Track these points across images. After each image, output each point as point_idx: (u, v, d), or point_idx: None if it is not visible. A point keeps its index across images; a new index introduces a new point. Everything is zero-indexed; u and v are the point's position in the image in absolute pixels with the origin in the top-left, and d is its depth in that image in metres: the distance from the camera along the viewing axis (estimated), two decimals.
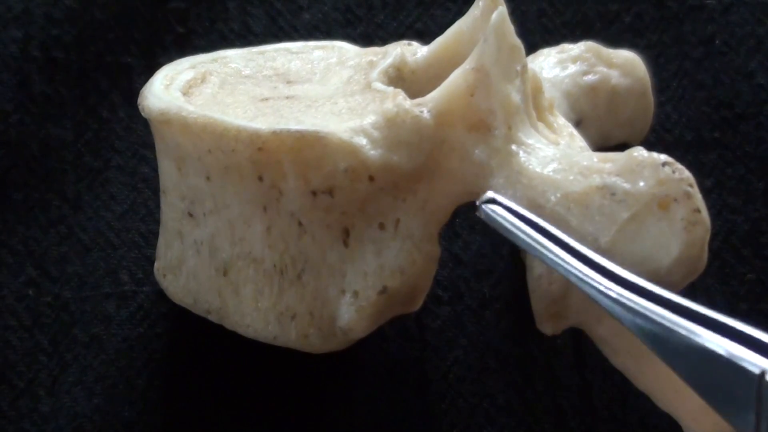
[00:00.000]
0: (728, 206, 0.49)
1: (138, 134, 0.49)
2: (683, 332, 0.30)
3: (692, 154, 0.50)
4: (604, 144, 0.47)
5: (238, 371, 0.44)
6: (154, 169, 0.42)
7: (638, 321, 0.31)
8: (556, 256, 0.33)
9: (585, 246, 0.33)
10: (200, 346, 0.44)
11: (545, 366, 0.45)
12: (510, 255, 0.47)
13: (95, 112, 0.49)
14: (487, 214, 0.35)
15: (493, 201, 0.35)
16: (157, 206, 0.43)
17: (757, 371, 0.29)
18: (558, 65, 0.45)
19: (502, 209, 0.35)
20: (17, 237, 0.47)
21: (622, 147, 0.47)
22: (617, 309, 0.31)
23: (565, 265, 0.33)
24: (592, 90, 0.45)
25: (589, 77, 0.45)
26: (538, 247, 0.34)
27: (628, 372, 0.40)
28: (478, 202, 0.36)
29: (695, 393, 0.31)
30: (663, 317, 0.31)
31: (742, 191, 0.49)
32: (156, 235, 0.44)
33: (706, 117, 0.51)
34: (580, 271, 0.32)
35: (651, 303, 0.31)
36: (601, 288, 0.32)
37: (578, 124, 0.45)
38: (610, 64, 0.46)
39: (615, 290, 0.32)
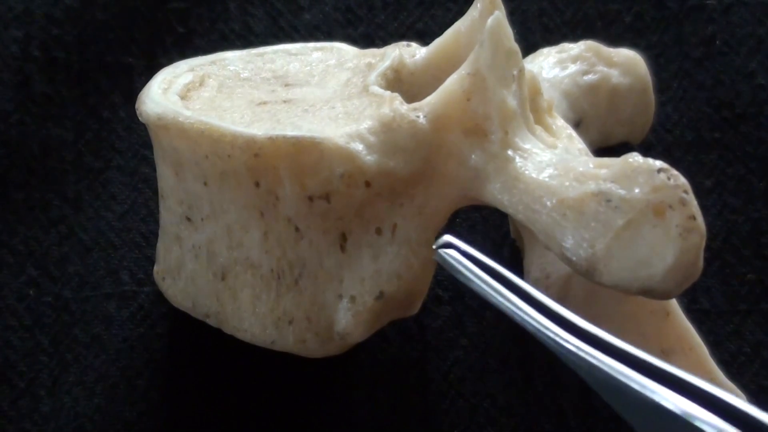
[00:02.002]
0: (728, 206, 0.49)
1: (138, 134, 0.49)
2: (637, 387, 0.30)
3: (692, 155, 0.50)
4: (604, 143, 0.47)
5: (239, 371, 0.44)
6: (155, 170, 0.42)
7: (594, 373, 0.31)
8: (513, 304, 0.33)
9: (542, 292, 0.33)
10: (201, 346, 0.44)
11: (546, 366, 0.45)
12: (510, 256, 0.47)
13: (96, 112, 0.49)
14: (443, 259, 0.35)
15: (449, 245, 0.35)
16: (158, 206, 0.43)
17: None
18: (558, 65, 0.45)
19: (458, 254, 0.35)
20: (18, 237, 0.47)
21: (622, 146, 0.47)
22: (574, 360, 0.31)
23: (522, 314, 0.32)
24: (593, 89, 0.45)
25: (589, 77, 0.45)
26: (494, 294, 0.33)
27: None
28: (434, 246, 0.35)
29: None
30: (619, 372, 0.30)
31: (743, 191, 0.49)
32: (156, 235, 0.44)
33: (707, 117, 0.50)
34: (536, 321, 0.32)
35: (607, 356, 0.31)
36: (558, 339, 0.31)
37: (578, 124, 0.45)
38: (610, 63, 0.46)
39: (572, 341, 0.31)
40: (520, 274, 0.40)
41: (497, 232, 0.48)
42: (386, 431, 0.44)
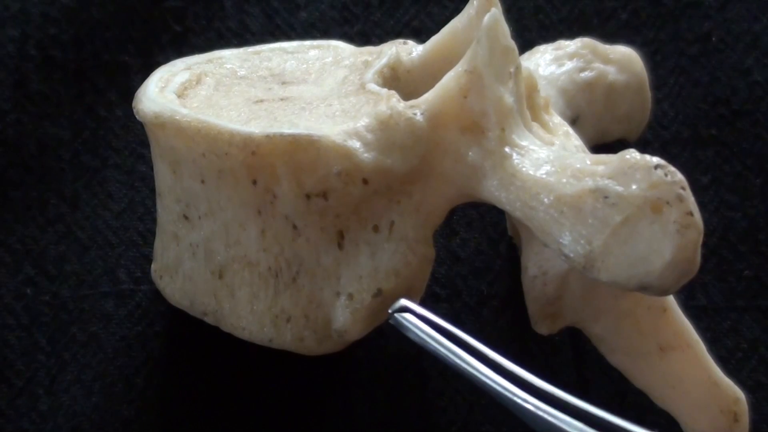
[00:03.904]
0: (725, 203, 0.49)
1: (135, 133, 0.49)
2: None
3: (689, 151, 0.50)
4: (601, 140, 0.47)
5: (236, 369, 0.44)
6: (152, 168, 0.42)
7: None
8: (470, 366, 0.34)
9: (497, 354, 0.34)
10: (198, 344, 0.44)
11: (543, 363, 0.45)
12: (507, 253, 0.47)
13: (92, 111, 0.49)
14: (398, 322, 0.36)
15: (405, 309, 0.36)
16: (155, 205, 0.43)
17: None
18: (554, 62, 0.45)
19: (413, 318, 0.36)
20: (15, 236, 0.47)
21: (619, 143, 0.47)
22: (532, 420, 0.32)
23: (480, 376, 0.33)
24: (589, 86, 0.45)
25: (586, 74, 0.45)
26: (450, 356, 0.34)
27: (625, 370, 0.40)
28: (390, 310, 0.36)
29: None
30: (578, 429, 0.31)
31: (739, 188, 0.49)
32: (154, 233, 0.44)
33: (703, 114, 0.50)
34: (495, 382, 0.33)
35: (566, 415, 0.31)
36: (517, 400, 0.32)
37: (575, 121, 0.45)
38: (606, 60, 0.46)
39: (531, 401, 0.32)
40: (518, 271, 0.40)
41: (494, 229, 0.48)
42: (384, 428, 0.44)
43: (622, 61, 0.46)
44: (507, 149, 0.36)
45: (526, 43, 0.49)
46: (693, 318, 0.40)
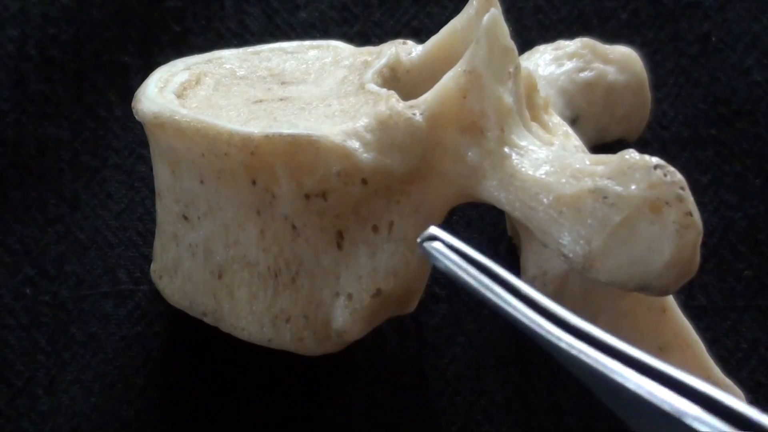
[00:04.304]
0: (725, 203, 0.49)
1: (135, 133, 0.49)
2: (632, 386, 0.29)
3: (689, 151, 0.50)
4: (600, 140, 0.47)
5: (236, 369, 0.44)
6: (152, 168, 0.42)
7: (588, 370, 0.30)
8: (502, 299, 0.31)
9: (535, 288, 0.32)
10: (198, 344, 0.44)
11: (543, 363, 0.45)
12: (507, 253, 0.47)
13: (92, 111, 0.49)
14: (426, 252, 0.34)
15: (434, 238, 0.34)
16: (155, 205, 0.43)
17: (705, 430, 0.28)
18: (554, 62, 0.45)
19: (443, 247, 0.33)
20: (15, 236, 0.47)
21: (619, 143, 0.47)
22: (566, 357, 0.30)
23: (512, 310, 0.31)
24: (589, 86, 0.45)
25: (586, 74, 0.45)
26: (481, 288, 0.32)
27: None
28: (419, 239, 0.34)
29: None
30: (613, 370, 0.29)
31: (739, 188, 0.49)
32: (153, 233, 0.44)
33: (703, 114, 0.50)
34: (527, 316, 0.31)
35: (601, 353, 0.30)
36: (550, 336, 0.30)
37: (574, 121, 0.45)
38: (606, 60, 0.46)
39: (564, 339, 0.30)
40: (517, 271, 0.40)
41: (494, 230, 0.48)
42: (384, 429, 0.44)
43: (621, 61, 0.46)
44: (506, 149, 0.36)
45: (525, 43, 0.49)
46: (693, 318, 0.40)
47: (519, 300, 0.31)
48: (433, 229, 0.34)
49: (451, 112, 0.36)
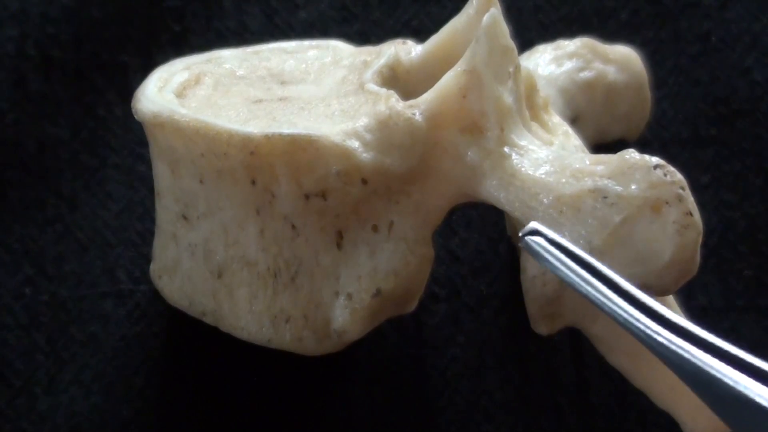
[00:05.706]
0: (725, 203, 0.49)
1: (134, 133, 0.49)
2: (730, 382, 0.29)
3: (689, 151, 0.50)
4: (600, 140, 0.47)
5: (235, 369, 0.44)
6: (151, 168, 0.42)
7: (685, 366, 0.30)
8: (602, 294, 0.32)
9: (632, 284, 0.32)
10: (197, 344, 0.44)
11: (543, 363, 0.45)
12: (507, 253, 0.47)
13: (91, 111, 0.49)
14: (529, 246, 0.34)
15: (536, 233, 0.34)
16: (154, 205, 0.43)
17: None
18: (554, 62, 0.45)
19: (545, 242, 0.34)
20: (14, 236, 0.47)
21: (619, 143, 0.47)
22: (664, 352, 0.31)
23: (611, 305, 0.32)
24: (589, 86, 0.45)
25: (585, 73, 0.45)
26: (582, 284, 0.32)
27: (624, 370, 0.40)
28: (520, 233, 0.34)
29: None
30: (710, 366, 0.30)
31: (739, 188, 0.49)
32: (153, 233, 0.44)
33: (703, 114, 0.50)
34: (627, 313, 0.31)
35: (699, 349, 0.30)
36: (649, 331, 0.31)
37: (574, 120, 0.45)
38: (606, 60, 0.46)
39: (663, 334, 0.31)
40: (517, 271, 0.40)
41: (494, 229, 0.48)
42: (384, 429, 0.44)
43: (621, 60, 0.46)
44: (506, 149, 0.36)
45: (525, 43, 0.49)
46: (693, 318, 0.40)
47: (620, 296, 0.32)
48: (535, 224, 0.34)
49: (451, 112, 0.36)
